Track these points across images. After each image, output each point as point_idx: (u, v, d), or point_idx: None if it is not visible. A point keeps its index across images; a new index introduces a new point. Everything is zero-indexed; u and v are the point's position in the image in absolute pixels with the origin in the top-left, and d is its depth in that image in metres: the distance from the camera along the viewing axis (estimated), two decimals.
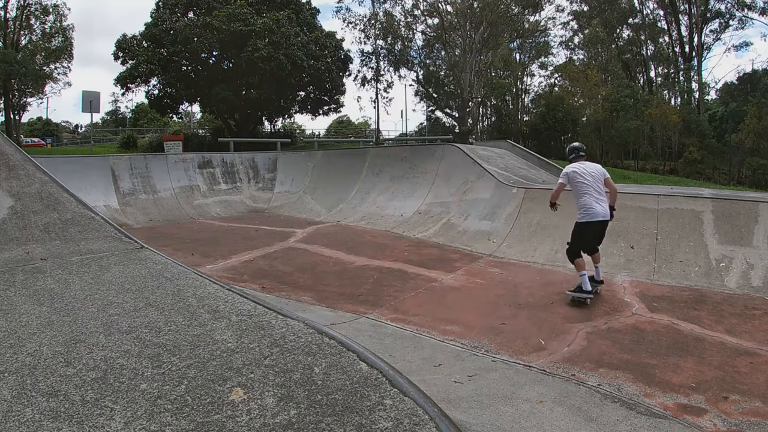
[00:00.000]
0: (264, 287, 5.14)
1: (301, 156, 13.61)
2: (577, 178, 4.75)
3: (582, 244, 4.76)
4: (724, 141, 25.71)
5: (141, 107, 43.68)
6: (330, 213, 10.06)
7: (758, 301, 4.63)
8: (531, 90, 35.77)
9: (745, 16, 28.26)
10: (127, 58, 22.45)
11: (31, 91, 28.26)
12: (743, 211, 5.67)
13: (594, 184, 4.69)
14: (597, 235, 4.81)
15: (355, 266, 6.10)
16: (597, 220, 4.67)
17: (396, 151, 11.69)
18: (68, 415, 1.30)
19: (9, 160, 3.50)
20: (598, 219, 4.67)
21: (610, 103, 26.39)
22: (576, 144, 5.12)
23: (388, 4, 29.97)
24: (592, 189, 4.68)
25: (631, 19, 31.80)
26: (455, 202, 8.50)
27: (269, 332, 1.79)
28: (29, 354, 1.61)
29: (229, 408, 1.33)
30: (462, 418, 2.40)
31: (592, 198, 4.65)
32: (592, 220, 4.66)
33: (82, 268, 2.47)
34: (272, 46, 20.75)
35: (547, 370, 3.25)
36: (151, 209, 10.01)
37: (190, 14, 23.24)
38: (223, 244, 7.24)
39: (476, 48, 27.49)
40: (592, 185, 4.69)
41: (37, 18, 27.07)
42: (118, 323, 1.85)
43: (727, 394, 2.92)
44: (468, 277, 5.55)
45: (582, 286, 4.57)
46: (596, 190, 4.69)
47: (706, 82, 31.43)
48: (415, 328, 4.05)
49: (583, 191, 4.70)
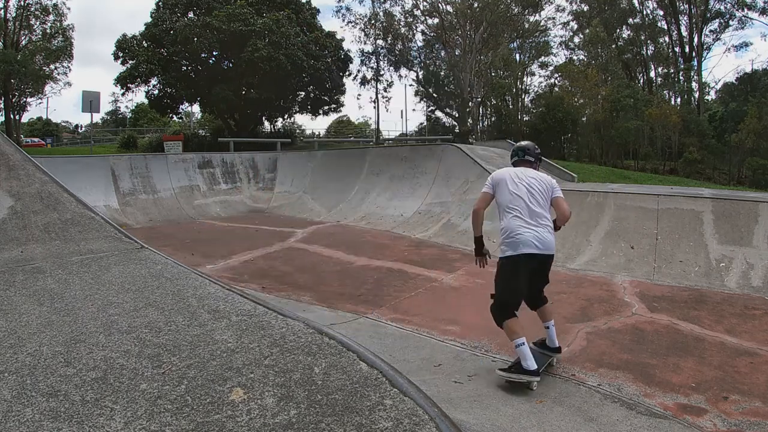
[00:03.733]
0: (264, 287, 5.14)
1: (301, 156, 13.61)
2: (507, 187, 3.16)
3: (511, 294, 3.07)
4: (724, 141, 25.68)
5: (141, 107, 43.66)
6: (330, 213, 10.06)
7: (758, 301, 4.63)
8: (531, 90, 35.80)
9: (745, 16, 28.27)
10: (127, 58, 22.44)
11: (31, 91, 28.24)
12: (743, 211, 5.67)
13: (529, 199, 3.10)
14: (536, 276, 3.19)
15: (355, 266, 6.10)
16: (526, 252, 3.00)
17: (396, 151, 11.69)
18: (68, 415, 1.30)
19: (9, 160, 3.50)
20: (528, 252, 3.00)
21: (610, 103, 26.37)
22: (524, 143, 3.48)
23: (388, 3, 30.01)
24: (523, 208, 3.08)
25: (631, 19, 31.78)
26: (455, 202, 8.50)
27: (269, 332, 1.80)
28: (29, 354, 1.61)
29: (229, 408, 1.33)
30: (462, 418, 2.40)
31: (520, 219, 3.06)
32: (519, 253, 3.01)
33: (82, 268, 2.47)
34: (272, 46, 20.74)
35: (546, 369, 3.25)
36: (151, 209, 10.01)
37: (190, 14, 23.21)
38: (223, 244, 7.24)
39: (476, 48, 27.49)
40: (524, 200, 3.09)
41: (37, 18, 27.06)
42: (118, 323, 1.85)
43: (727, 394, 2.91)
44: (468, 277, 5.55)
45: (522, 363, 2.92)
46: (530, 211, 3.07)
47: (706, 82, 31.45)
48: (415, 328, 4.05)
49: (509, 208, 3.12)
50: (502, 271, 3.12)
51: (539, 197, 3.14)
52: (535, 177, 3.24)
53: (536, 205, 3.11)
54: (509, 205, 3.12)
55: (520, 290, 3.10)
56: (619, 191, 6.95)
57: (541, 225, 3.08)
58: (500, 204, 3.20)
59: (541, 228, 3.06)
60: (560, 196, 3.24)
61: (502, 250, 3.13)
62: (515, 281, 3.07)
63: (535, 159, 3.40)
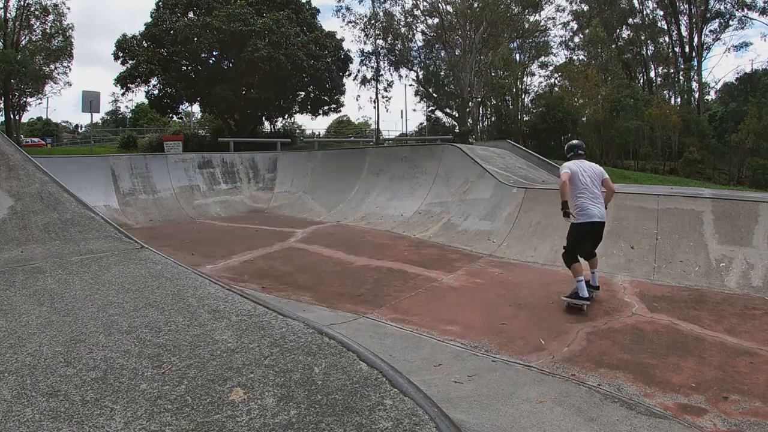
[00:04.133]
0: (264, 287, 5.14)
1: (301, 156, 13.61)
2: (577, 176, 4.58)
3: (578, 248, 4.56)
4: (724, 141, 25.68)
5: (141, 107, 43.66)
6: (330, 213, 10.06)
7: (758, 301, 4.63)
8: (531, 90, 35.78)
9: (744, 16, 28.27)
10: (127, 58, 22.43)
11: (31, 91, 28.23)
12: (743, 211, 5.67)
13: (591, 184, 4.53)
14: (594, 237, 4.61)
15: (355, 266, 6.10)
16: (593, 221, 4.47)
17: (396, 151, 11.69)
18: (68, 415, 1.30)
19: (9, 160, 3.50)
20: (594, 220, 4.47)
21: (610, 103, 26.38)
22: (575, 142, 4.90)
23: (388, 3, 29.99)
24: (587, 190, 4.51)
25: (631, 19, 31.78)
26: (455, 202, 8.50)
27: (269, 332, 1.79)
28: (29, 354, 1.61)
29: (229, 408, 1.33)
30: (462, 418, 2.40)
31: (588, 199, 4.49)
32: (587, 221, 4.47)
33: (82, 268, 2.47)
34: (272, 46, 20.74)
35: (547, 370, 3.25)
36: (151, 209, 10.01)
37: (190, 14, 23.20)
38: (223, 244, 7.24)
39: (476, 48, 27.48)
40: (589, 186, 4.52)
41: (37, 18, 27.05)
42: (118, 323, 1.85)
43: (727, 394, 2.91)
44: (468, 277, 5.55)
45: (578, 292, 4.38)
46: (592, 192, 4.52)
47: (706, 82, 31.45)
48: (415, 328, 4.05)
49: (579, 191, 4.53)
50: (575, 233, 4.56)
51: (596, 181, 4.58)
52: (590, 166, 4.67)
53: (596, 188, 4.55)
54: (579, 189, 4.52)
55: (584, 245, 4.58)
56: (619, 191, 6.91)
57: (600, 202, 4.54)
58: (574, 188, 4.53)
59: (600, 204, 4.53)
60: (607, 178, 4.68)
61: (577, 218, 4.50)
62: (582, 240, 4.55)
63: (584, 152, 4.82)
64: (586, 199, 4.49)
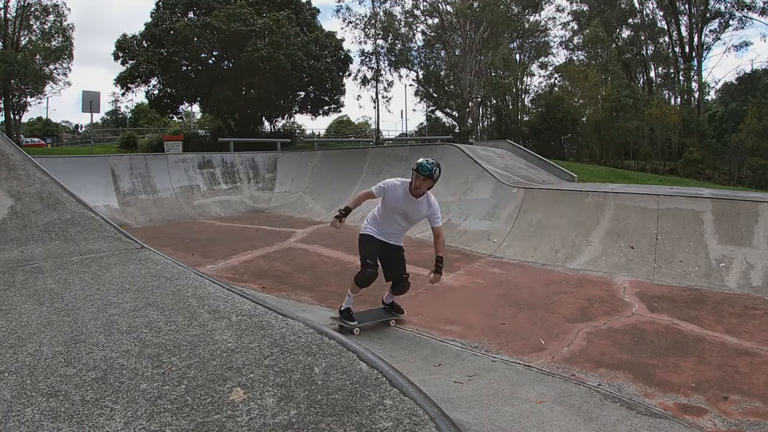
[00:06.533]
0: (264, 287, 5.14)
1: (301, 156, 13.61)
2: (389, 202, 3.75)
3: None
4: (724, 141, 25.68)
5: (141, 107, 43.62)
6: (330, 213, 10.04)
7: (758, 301, 4.63)
8: (531, 90, 35.75)
9: (744, 16, 28.24)
10: (127, 58, 22.45)
11: (31, 91, 28.20)
12: (743, 211, 5.67)
13: (400, 221, 3.83)
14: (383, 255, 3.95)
15: (355, 266, 6.07)
16: (378, 238, 3.89)
17: (396, 151, 11.69)
18: (68, 415, 1.30)
19: (9, 160, 3.50)
20: (381, 239, 3.89)
21: (610, 103, 26.36)
22: (422, 161, 3.61)
23: (388, 3, 30.00)
24: (392, 222, 3.84)
25: (631, 19, 31.75)
26: (455, 202, 8.50)
27: (269, 332, 1.79)
28: (29, 354, 1.61)
29: (229, 408, 1.33)
30: (462, 418, 2.40)
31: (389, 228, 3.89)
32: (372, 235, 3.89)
33: (82, 268, 2.47)
34: (272, 46, 20.74)
35: (546, 370, 3.25)
36: (151, 209, 10.01)
37: (190, 14, 23.21)
38: (223, 244, 7.24)
39: (476, 48, 27.48)
40: (395, 221, 3.83)
41: (37, 18, 27.04)
42: (118, 323, 1.85)
43: (727, 394, 2.91)
44: (468, 277, 5.55)
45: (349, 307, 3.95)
46: (397, 227, 3.89)
47: (706, 82, 31.42)
48: (415, 328, 4.05)
49: (385, 217, 3.86)
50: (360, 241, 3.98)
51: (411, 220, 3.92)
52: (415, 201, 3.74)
53: (404, 224, 3.94)
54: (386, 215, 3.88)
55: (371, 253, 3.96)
56: (619, 191, 6.95)
57: (399, 235, 4.00)
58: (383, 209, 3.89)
59: (397, 237, 3.99)
60: (439, 226, 3.87)
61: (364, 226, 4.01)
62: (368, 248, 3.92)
63: (431, 176, 3.60)
64: (387, 226, 3.89)
